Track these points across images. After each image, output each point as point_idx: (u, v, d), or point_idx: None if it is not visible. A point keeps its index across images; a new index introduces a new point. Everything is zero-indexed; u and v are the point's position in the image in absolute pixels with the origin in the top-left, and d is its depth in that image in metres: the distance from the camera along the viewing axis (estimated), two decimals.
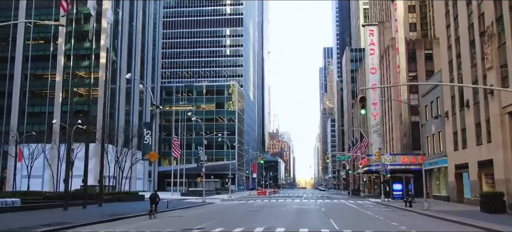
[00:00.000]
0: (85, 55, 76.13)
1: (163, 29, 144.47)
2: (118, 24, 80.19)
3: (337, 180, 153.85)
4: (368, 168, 62.93)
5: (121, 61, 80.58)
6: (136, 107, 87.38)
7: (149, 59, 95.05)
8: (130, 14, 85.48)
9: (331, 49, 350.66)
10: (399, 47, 62.13)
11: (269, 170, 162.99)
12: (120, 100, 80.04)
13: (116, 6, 79.89)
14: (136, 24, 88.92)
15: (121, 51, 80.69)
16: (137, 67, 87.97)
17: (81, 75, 76.30)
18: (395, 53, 63.82)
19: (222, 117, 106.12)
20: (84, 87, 75.64)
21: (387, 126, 69.52)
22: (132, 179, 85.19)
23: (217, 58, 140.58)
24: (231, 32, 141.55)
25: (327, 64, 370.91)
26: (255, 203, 43.28)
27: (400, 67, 61.48)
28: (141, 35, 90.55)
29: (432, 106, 44.61)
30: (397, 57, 63.09)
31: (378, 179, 75.73)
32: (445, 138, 39.90)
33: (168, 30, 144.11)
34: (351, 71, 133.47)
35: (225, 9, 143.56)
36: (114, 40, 78.76)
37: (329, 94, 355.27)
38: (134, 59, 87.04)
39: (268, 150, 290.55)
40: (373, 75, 74.06)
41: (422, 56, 62.82)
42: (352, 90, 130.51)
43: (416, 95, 62.60)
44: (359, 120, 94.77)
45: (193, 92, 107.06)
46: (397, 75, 63.35)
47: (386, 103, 68.77)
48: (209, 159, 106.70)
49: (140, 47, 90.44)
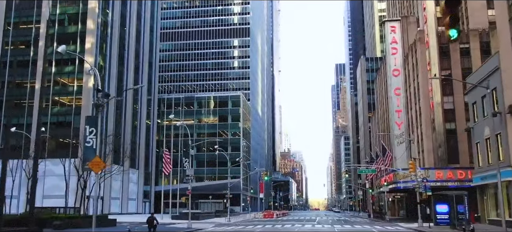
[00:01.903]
0: (68, 60, 67.66)
1: (166, 40, 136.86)
2: (107, 26, 71.91)
3: (353, 200, 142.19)
4: (394, 185, 52.37)
5: (110, 67, 71.97)
6: (128, 118, 78.38)
7: (144, 68, 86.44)
8: (122, 17, 77.29)
9: (343, 66, 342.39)
10: (429, 40, 52.20)
11: (279, 190, 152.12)
12: (109, 110, 71.06)
13: (105, 6, 71.75)
14: (130, 28, 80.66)
15: (110, 57, 72.17)
16: (130, 75, 79.31)
17: (63, 82, 67.74)
18: (424, 48, 53.90)
19: (226, 131, 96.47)
20: (67, 95, 66.95)
21: (414, 136, 59.08)
22: (123, 200, 75.62)
23: (223, 70, 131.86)
24: (238, 43, 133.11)
25: (340, 81, 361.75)
26: (255, 229, 33.31)
27: (431, 63, 51.43)
28: (135, 40, 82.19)
29: (483, 103, 34.35)
30: (427, 52, 53.12)
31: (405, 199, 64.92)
32: (509, 142, 29.56)
33: (171, 41, 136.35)
34: (367, 82, 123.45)
35: (232, 19, 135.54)
36: (102, 44, 70.31)
37: (342, 112, 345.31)
38: (127, 66, 78.46)
39: (279, 170, 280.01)
40: (395, 78, 64.07)
41: (456, 50, 52.73)
42: (369, 102, 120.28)
43: (451, 97, 52.39)
44: (380, 129, 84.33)
45: (194, 105, 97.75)
46: (426, 74, 53.23)
47: (414, 109, 58.49)
48: (211, 177, 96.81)
49: (134, 54, 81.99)
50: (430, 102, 52.02)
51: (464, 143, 49.93)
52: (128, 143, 77.23)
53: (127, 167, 77.38)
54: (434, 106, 50.93)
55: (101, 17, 69.31)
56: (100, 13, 69.08)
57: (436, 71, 51.12)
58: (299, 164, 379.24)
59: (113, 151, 53.25)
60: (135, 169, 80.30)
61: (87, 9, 67.34)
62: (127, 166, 77.31)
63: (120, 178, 75.45)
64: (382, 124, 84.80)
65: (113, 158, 58.82)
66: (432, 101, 51.26)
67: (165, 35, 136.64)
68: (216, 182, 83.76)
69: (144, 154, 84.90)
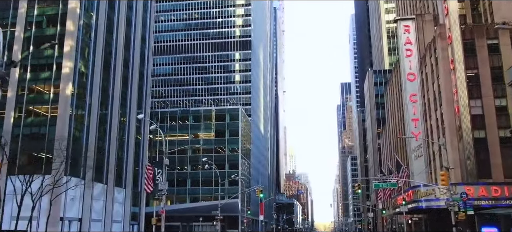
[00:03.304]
0: (45, 65, 60.99)
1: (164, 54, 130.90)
2: (91, 30, 65.43)
3: (362, 223, 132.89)
4: (415, 205, 44.36)
5: (93, 74, 65.20)
6: (114, 132, 71.18)
7: (134, 78, 79.61)
8: (109, 22, 70.91)
9: (349, 85, 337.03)
10: (451, 34, 44.96)
11: (282, 213, 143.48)
12: (91, 122, 63.99)
13: (89, 8, 65.44)
14: (118, 35, 74.21)
15: (93, 63, 65.45)
16: (117, 85, 72.41)
17: (39, 89, 60.92)
18: (445, 45, 46.64)
19: (223, 148, 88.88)
20: (42, 104, 60.00)
21: (434, 148, 51.28)
22: (105, 222, 67.74)
23: (222, 84, 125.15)
24: (238, 56, 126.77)
25: (345, 100, 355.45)
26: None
27: (455, 61, 44.07)
28: (124, 48, 75.59)
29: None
30: (449, 49, 45.86)
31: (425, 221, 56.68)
32: None
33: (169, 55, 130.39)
34: (375, 96, 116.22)
35: (233, 32, 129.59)
36: (84, 48, 63.73)
37: (348, 132, 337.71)
38: (113, 75, 71.64)
39: (284, 192, 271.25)
40: (411, 83, 56.66)
41: (484, 47, 45.50)
42: (377, 117, 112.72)
43: (479, 100, 44.83)
44: (392, 143, 76.49)
45: (189, 119, 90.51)
46: (449, 74, 45.86)
47: (433, 116, 50.84)
48: (207, 198, 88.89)
49: (123, 62, 75.28)
50: (455, 107, 44.48)
51: (496, 155, 42.19)
52: (113, 159, 69.98)
53: (111, 185, 69.95)
54: (460, 110, 43.35)
55: (83, 19, 62.86)
56: (82, 15, 62.66)
57: (461, 69, 43.72)
58: (304, 186, 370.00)
59: (68, 159, 46.19)
60: (121, 188, 72.63)
61: (67, 10, 60.90)
62: (111, 185, 69.90)
63: (103, 197, 67.91)
64: (394, 138, 77.01)
65: (69, 169, 52.12)
66: (458, 105, 43.70)
67: (162, 48, 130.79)
68: (210, 202, 75.87)
69: (133, 172, 77.33)
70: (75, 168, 60.76)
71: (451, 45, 45.06)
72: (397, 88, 73.67)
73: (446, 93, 45.76)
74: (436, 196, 40.65)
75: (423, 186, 42.79)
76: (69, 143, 59.75)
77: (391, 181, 54.94)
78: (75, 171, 60.43)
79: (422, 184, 42.93)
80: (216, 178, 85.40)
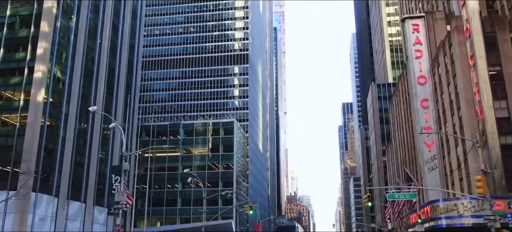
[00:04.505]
0: (16, 69, 55.25)
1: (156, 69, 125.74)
2: (70, 33, 59.98)
3: None
4: (434, 223, 37.69)
5: (71, 81, 59.43)
6: (95, 146, 65.03)
7: (120, 89, 73.91)
8: (92, 26, 65.66)
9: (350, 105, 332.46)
10: (470, 27, 39.10)
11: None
12: (67, 133, 57.89)
13: (68, 10, 60.15)
14: (102, 41, 68.88)
15: (72, 69, 59.76)
16: (99, 94, 66.63)
17: (8, 95, 54.99)
18: (463, 39, 40.75)
19: (217, 164, 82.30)
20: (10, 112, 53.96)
21: (451, 158, 44.88)
22: None
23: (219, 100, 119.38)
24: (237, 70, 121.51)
25: (347, 121, 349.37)
26: None
27: (475, 56, 38.09)
28: (109, 56, 70.14)
29: None
30: (467, 44, 39.97)
31: None
32: None
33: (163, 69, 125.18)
34: (379, 110, 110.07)
35: (232, 45, 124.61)
36: (61, 53, 58.17)
37: (351, 153, 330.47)
38: (95, 84, 65.95)
39: (285, 214, 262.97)
40: (422, 87, 50.60)
41: (507, 41, 39.62)
42: (382, 133, 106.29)
43: (504, 101, 38.70)
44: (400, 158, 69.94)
45: (180, 133, 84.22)
46: (468, 72, 39.83)
47: (450, 122, 44.57)
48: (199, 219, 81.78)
49: (107, 71, 69.73)
50: (477, 109, 38.29)
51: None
52: (93, 175, 63.69)
53: (90, 204, 63.40)
54: (483, 112, 37.15)
55: (61, 20, 57.46)
56: (60, 16, 57.28)
57: (483, 65, 37.68)
58: (306, 208, 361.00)
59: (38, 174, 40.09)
60: (102, 207, 65.99)
61: (42, 10, 55.53)
62: (90, 203, 63.35)
63: (81, 218, 61.28)
64: (402, 152, 70.59)
65: (39, 184, 46.17)
66: (480, 106, 37.51)
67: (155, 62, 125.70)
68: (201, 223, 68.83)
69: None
70: (46, 184, 54.44)
71: (470, 39, 39.19)
72: (404, 97, 67.69)
73: (466, 93, 39.65)
74: (459, 213, 34.19)
75: (443, 201, 36.27)
76: (39, 156, 53.76)
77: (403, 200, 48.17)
78: (46, 187, 54.09)
79: (441, 199, 36.36)
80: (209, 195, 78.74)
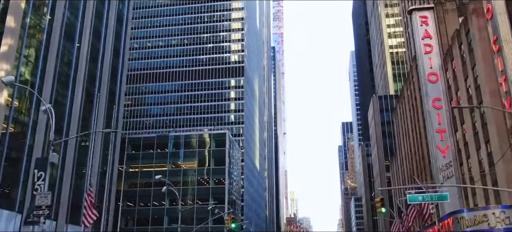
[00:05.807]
0: None
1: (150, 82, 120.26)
2: (43, 32, 54.41)
3: None
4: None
5: (42, 85, 53.52)
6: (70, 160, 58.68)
7: (102, 96, 68.01)
8: (69, 27, 60.18)
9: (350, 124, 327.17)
10: (492, 7, 33.47)
11: None
12: (35, 142, 51.66)
13: (41, 7, 54.71)
14: (81, 44, 63.32)
15: (43, 71, 53.93)
16: (76, 101, 60.61)
17: None
18: (483, 23, 35.13)
19: (207, 179, 75.78)
20: None
21: (471, 163, 38.66)
22: None
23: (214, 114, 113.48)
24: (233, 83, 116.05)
25: (347, 140, 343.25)
26: None
27: (500, 40, 32.32)
28: (88, 60, 64.46)
29: None
30: (488, 28, 34.28)
31: None
32: None
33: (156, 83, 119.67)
34: (381, 124, 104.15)
35: (228, 57, 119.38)
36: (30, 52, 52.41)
37: (351, 173, 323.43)
38: (72, 89, 60.09)
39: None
40: (433, 85, 44.75)
41: None
42: (385, 146, 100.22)
43: None
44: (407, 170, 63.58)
45: (168, 146, 77.93)
46: (491, 59, 34.02)
47: (469, 121, 38.47)
48: None
49: (87, 77, 63.98)
50: (504, 102, 32.31)
51: None
52: (67, 190, 57.22)
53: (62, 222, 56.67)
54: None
55: (31, 17, 51.97)
56: (30, 12, 51.82)
57: (509, 49, 31.86)
58: (306, 230, 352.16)
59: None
60: (77, 226, 59.21)
61: (9, 4, 50.05)
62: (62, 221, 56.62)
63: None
64: (409, 164, 64.35)
65: None
66: (509, 97, 31.54)
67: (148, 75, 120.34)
68: None
69: (95, 207, 64.03)
70: (7, 198, 48.01)
71: (492, 21, 33.51)
72: (410, 103, 61.86)
73: (489, 84, 33.79)
74: (490, 225, 27.85)
75: (468, 211, 29.97)
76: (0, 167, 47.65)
77: (412, 215, 41.69)
78: (7, 202, 47.65)
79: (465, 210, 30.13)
80: (198, 215, 72.08)
